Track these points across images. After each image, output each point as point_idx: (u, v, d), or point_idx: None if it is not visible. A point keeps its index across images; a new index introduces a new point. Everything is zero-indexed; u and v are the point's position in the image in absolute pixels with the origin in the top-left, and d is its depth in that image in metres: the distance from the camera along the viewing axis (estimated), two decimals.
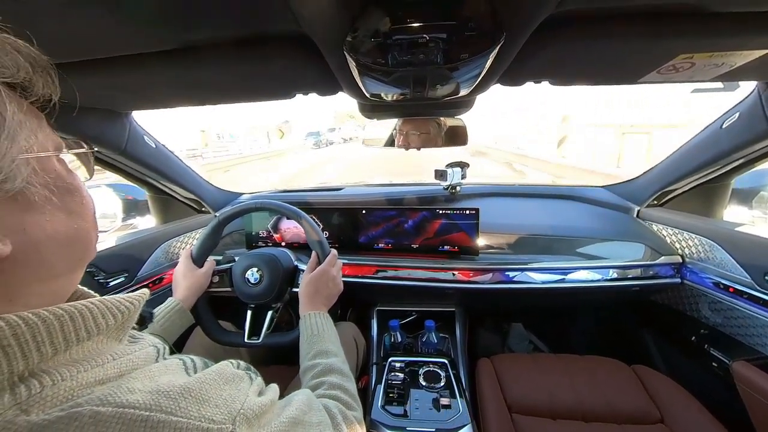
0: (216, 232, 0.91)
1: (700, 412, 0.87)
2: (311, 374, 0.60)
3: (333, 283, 0.80)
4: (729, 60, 0.59)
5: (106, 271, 0.95)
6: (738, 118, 0.87)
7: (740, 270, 0.91)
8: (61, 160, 0.33)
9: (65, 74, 0.32)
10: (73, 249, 0.33)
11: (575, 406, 0.91)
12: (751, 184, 1.08)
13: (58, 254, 0.31)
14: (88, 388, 0.28)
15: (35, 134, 0.29)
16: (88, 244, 0.35)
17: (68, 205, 0.32)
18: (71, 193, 0.33)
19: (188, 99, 0.86)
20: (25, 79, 0.28)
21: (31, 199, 0.28)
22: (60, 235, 0.31)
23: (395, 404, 0.93)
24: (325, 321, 0.71)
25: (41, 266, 0.30)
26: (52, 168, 0.31)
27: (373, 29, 0.49)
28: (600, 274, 1.08)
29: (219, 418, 0.31)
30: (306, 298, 0.76)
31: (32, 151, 0.28)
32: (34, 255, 0.29)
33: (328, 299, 0.78)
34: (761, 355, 0.86)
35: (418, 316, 1.29)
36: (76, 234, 0.33)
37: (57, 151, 0.32)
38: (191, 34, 0.54)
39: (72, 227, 0.32)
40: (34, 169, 0.28)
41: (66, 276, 0.33)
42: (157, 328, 0.74)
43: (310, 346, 0.65)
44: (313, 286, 0.77)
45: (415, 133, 1.16)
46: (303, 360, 0.64)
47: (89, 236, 0.35)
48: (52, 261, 0.31)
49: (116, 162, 1.02)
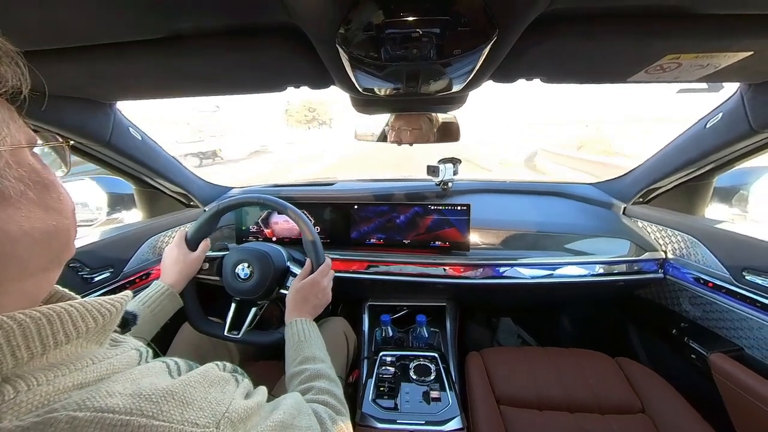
0: (215, 219, 0.90)
1: (679, 402, 0.90)
2: (299, 380, 0.59)
3: (322, 294, 0.79)
4: (714, 61, 0.61)
5: (91, 267, 0.93)
6: (721, 118, 0.90)
7: (720, 266, 0.94)
8: (35, 154, 0.32)
9: (43, 62, 0.30)
10: (50, 246, 0.32)
11: (561, 398, 0.94)
12: (732, 183, 1.12)
13: (35, 251, 0.30)
14: (66, 393, 0.27)
15: (6, 126, 0.28)
16: (67, 241, 0.34)
17: (45, 201, 0.31)
18: (47, 189, 0.31)
19: (173, 90, 0.83)
20: None
21: (6, 193, 0.27)
22: (36, 232, 0.30)
23: (386, 398, 0.94)
24: (311, 328, 0.71)
25: (16, 264, 0.29)
26: (26, 161, 0.30)
27: (366, 22, 0.48)
28: (586, 270, 1.11)
29: (203, 421, 0.30)
30: (293, 305, 0.76)
31: (5, 143, 0.27)
32: (9, 251, 0.28)
33: (315, 309, 0.77)
34: (737, 347, 0.90)
35: (409, 311, 1.30)
36: (54, 231, 0.31)
37: (30, 143, 0.31)
38: (177, 23, 0.52)
39: (50, 224, 0.31)
40: (8, 162, 0.27)
41: (42, 274, 0.32)
42: (147, 312, 0.73)
43: (296, 352, 0.65)
44: (301, 295, 0.77)
45: (406, 128, 1.16)
46: (289, 366, 0.64)
47: (68, 233, 0.34)
48: (27, 258, 0.29)
49: (101, 154, 0.99)
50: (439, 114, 1.13)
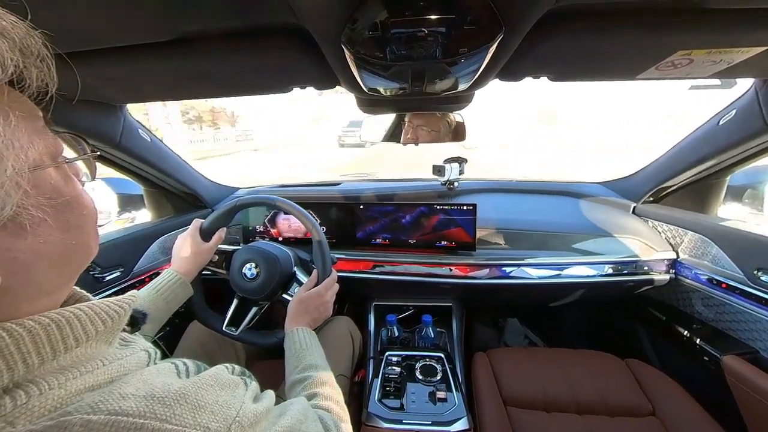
0: (231, 213, 0.91)
1: (691, 405, 0.88)
2: (302, 386, 0.59)
3: (324, 308, 0.79)
4: (727, 57, 0.59)
5: (102, 266, 0.94)
6: (735, 115, 0.88)
7: (733, 266, 0.92)
8: (59, 166, 0.30)
9: (57, 65, 0.30)
10: (69, 265, 0.31)
11: (569, 400, 0.93)
12: (745, 181, 1.09)
13: (51, 273, 0.29)
14: (78, 396, 0.27)
15: (25, 152, 0.26)
16: (87, 256, 0.33)
17: (67, 221, 0.30)
18: (70, 207, 0.30)
19: (181, 92, 0.85)
20: (15, 71, 0.25)
21: (23, 224, 0.26)
22: (54, 255, 0.29)
23: (392, 397, 0.94)
24: (311, 337, 0.71)
25: (31, 288, 0.28)
26: (47, 182, 0.28)
27: (372, 22, 0.48)
28: (595, 270, 1.09)
29: (215, 426, 0.30)
30: (294, 314, 0.76)
31: (23, 170, 0.25)
32: (25, 279, 0.27)
33: (314, 322, 0.78)
34: (752, 349, 0.88)
35: (415, 311, 1.30)
36: (73, 249, 0.31)
37: (53, 161, 0.29)
38: (186, 25, 0.53)
39: (69, 243, 0.30)
40: (26, 191, 0.25)
41: (58, 291, 0.32)
42: (160, 300, 0.74)
43: (298, 360, 0.65)
44: (303, 306, 0.77)
45: (425, 128, 1.16)
46: (291, 373, 0.64)
47: (89, 249, 0.33)
48: (43, 281, 0.29)
49: (111, 156, 1.00)
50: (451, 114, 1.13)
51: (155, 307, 0.73)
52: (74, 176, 0.32)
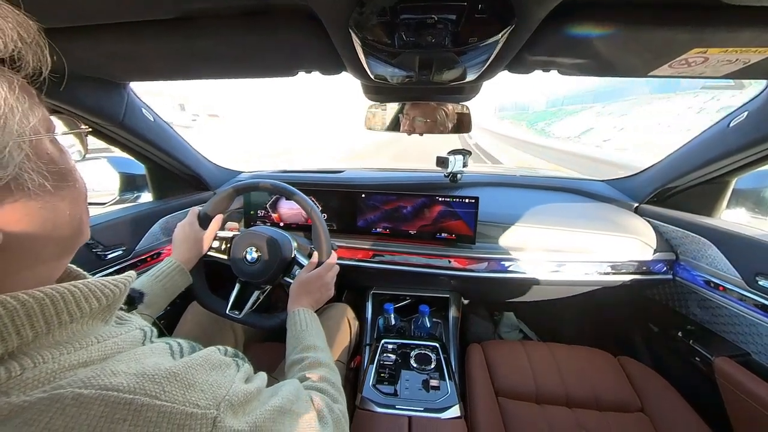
0: (228, 199, 0.91)
1: (680, 403, 0.90)
2: (298, 367, 0.61)
3: (325, 289, 0.81)
4: (743, 56, 0.58)
5: (104, 244, 0.95)
6: (746, 117, 0.86)
7: (732, 269, 0.92)
8: (54, 140, 0.31)
9: (60, 39, 0.30)
10: (64, 235, 0.32)
11: (560, 393, 0.94)
12: (751, 185, 1.08)
13: (49, 241, 0.30)
14: (72, 371, 0.27)
15: (27, 117, 0.27)
16: (80, 228, 0.34)
17: (61, 191, 0.31)
18: (65, 178, 0.32)
19: (186, 71, 0.83)
20: (14, 51, 0.26)
21: (24, 186, 0.27)
22: (52, 222, 0.30)
23: (386, 383, 0.96)
24: (312, 318, 0.72)
25: (29, 254, 0.29)
26: (44, 151, 0.30)
27: (380, 7, 0.47)
28: (594, 268, 1.10)
29: (204, 403, 0.31)
30: (296, 295, 0.78)
31: (24, 135, 0.27)
32: (25, 243, 0.28)
33: (316, 302, 0.79)
34: (743, 351, 0.89)
35: (412, 301, 1.31)
36: (68, 220, 0.32)
37: (50, 132, 0.31)
38: (191, 3, 0.52)
39: (65, 213, 0.31)
40: (27, 154, 0.27)
41: (55, 261, 0.33)
42: (159, 287, 0.75)
43: (297, 341, 0.66)
44: (304, 287, 0.78)
45: (422, 119, 1.14)
46: (290, 353, 0.65)
47: (82, 221, 0.34)
48: (41, 248, 0.30)
49: (114, 134, 1.00)
50: (453, 104, 1.11)
51: (154, 294, 0.73)
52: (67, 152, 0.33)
